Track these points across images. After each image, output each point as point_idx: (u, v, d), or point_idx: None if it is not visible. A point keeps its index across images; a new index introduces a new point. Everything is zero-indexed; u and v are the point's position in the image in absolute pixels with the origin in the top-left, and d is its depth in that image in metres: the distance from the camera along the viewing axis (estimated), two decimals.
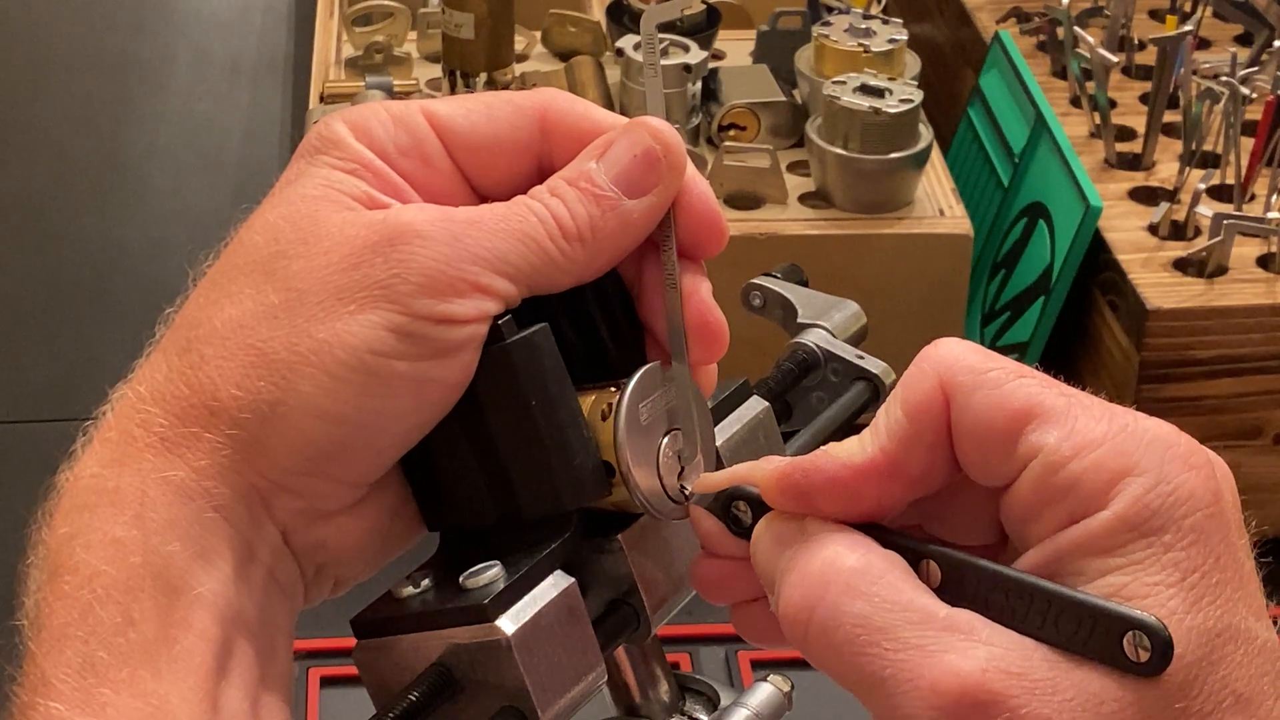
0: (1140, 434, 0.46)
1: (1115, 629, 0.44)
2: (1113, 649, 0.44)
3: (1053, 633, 0.44)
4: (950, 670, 0.44)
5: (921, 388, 0.48)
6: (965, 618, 0.45)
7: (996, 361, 0.48)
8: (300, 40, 1.89)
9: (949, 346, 0.48)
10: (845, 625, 0.46)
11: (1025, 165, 1.46)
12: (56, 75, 1.90)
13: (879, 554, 0.47)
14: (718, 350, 0.56)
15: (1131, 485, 0.45)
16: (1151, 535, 0.44)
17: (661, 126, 0.55)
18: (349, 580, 0.56)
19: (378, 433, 0.52)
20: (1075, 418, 0.46)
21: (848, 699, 0.47)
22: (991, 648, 0.44)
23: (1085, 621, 0.44)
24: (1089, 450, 0.45)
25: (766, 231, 1.36)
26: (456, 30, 1.44)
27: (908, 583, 0.46)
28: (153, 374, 0.53)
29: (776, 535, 0.49)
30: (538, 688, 0.51)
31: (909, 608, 0.45)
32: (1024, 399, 0.46)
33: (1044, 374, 0.48)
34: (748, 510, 0.51)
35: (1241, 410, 1.29)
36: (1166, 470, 0.45)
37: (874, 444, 0.48)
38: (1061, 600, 0.45)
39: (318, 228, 0.52)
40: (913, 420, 0.48)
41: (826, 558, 0.47)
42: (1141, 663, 0.43)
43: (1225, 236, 1.30)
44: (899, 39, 1.45)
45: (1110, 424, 0.46)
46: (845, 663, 0.46)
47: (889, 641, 0.45)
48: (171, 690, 0.49)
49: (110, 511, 0.51)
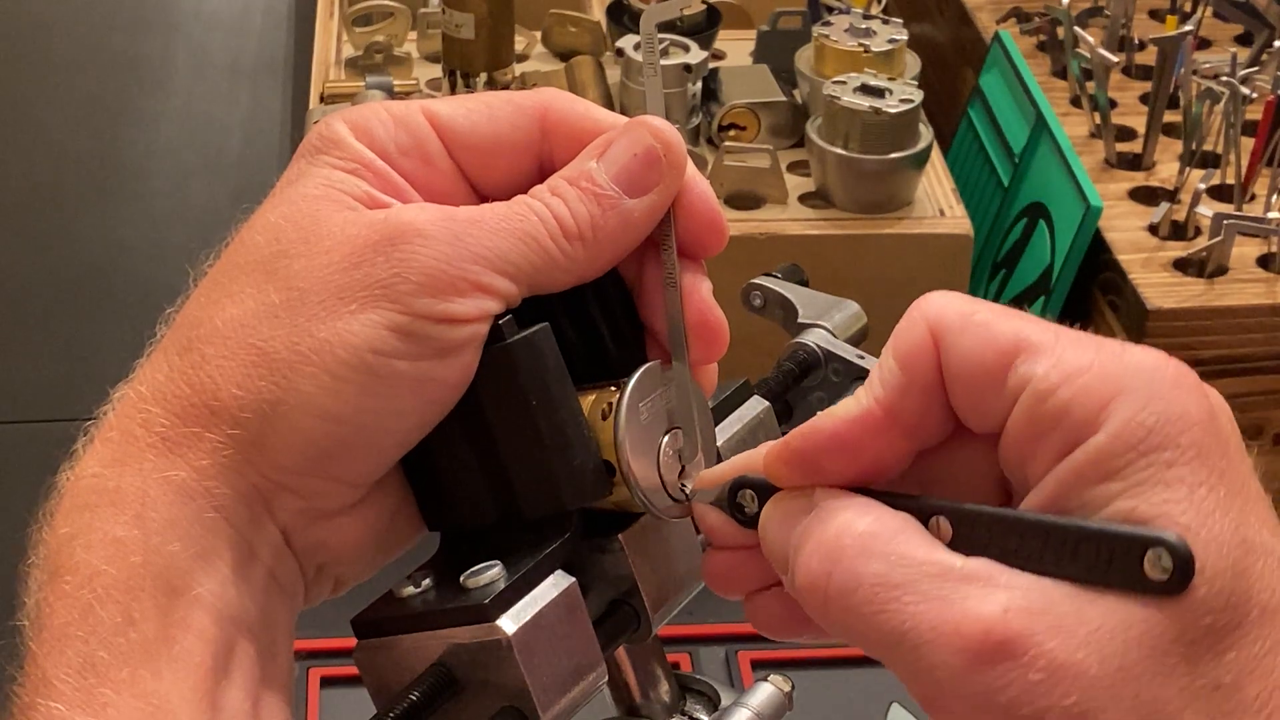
0: (1128, 359, 0.45)
1: (1133, 552, 0.43)
2: (1133, 572, 0.43)
3: (1070, 567, 0.44)
4: (972, 615, 0.44)
5: (912, 335, 0.48)
6: (982, 566, 0.45)
7: (983, 305, 0.48)
8: (300, 40, 1.89)
9: (937, 296, 0.49)
10: (864, 586, 0.46)
11: (1025, 165, 1.46)
12: (56, 75, 1.90)
13: (890, 515, 0.47)
14: (718, 350, 0.56)
15: (1121, 406, 0.44)
16: (1151, 453, 0.44)
17: (662, 126, 0.55)
18: (349, 580, 0.56)
19: (378, 432, 0.52)
20: (1062, 348, 0.46)
21: (848, 699, 0.47)
22: (1011, 590, 0.44)
23: (1102, 550, 0.44)
24: (1076, 376, 0.45)
25: (766, 231, 1.36)
26: (456, 30, 1.44)
27: (922, 539, 0.46)
28: (154, 373, 0.53)
29: (784, 512, 0.49)
30: (538, 688, 0.51)
31: (925, 562, 0.45)
32: (1011, 335, 0.47)
33: (1031, 314, 0.48)
34: (754, 498, 0.51)
35: (1241, 410, 1.28)
36: (1156, 389, 0.45)
37: (869, 396, 0.48)
38: (1075, 532, 0.44)
39: (319, 227, 0.52)
40: (905, 368, 0.48)
41: (839, 524, 0.47)
42: (1164, 581, 0.43)
43: (1225, 236, 1.30)
44: (899, 39, 1.45)
45: (1098, 352, 0.46)
46: (867, 623, 0.46)
47: (909, 595, 0.45)
48: (172, 690, 0.49)
49: (111, 511, 0.51)
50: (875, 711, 1.11)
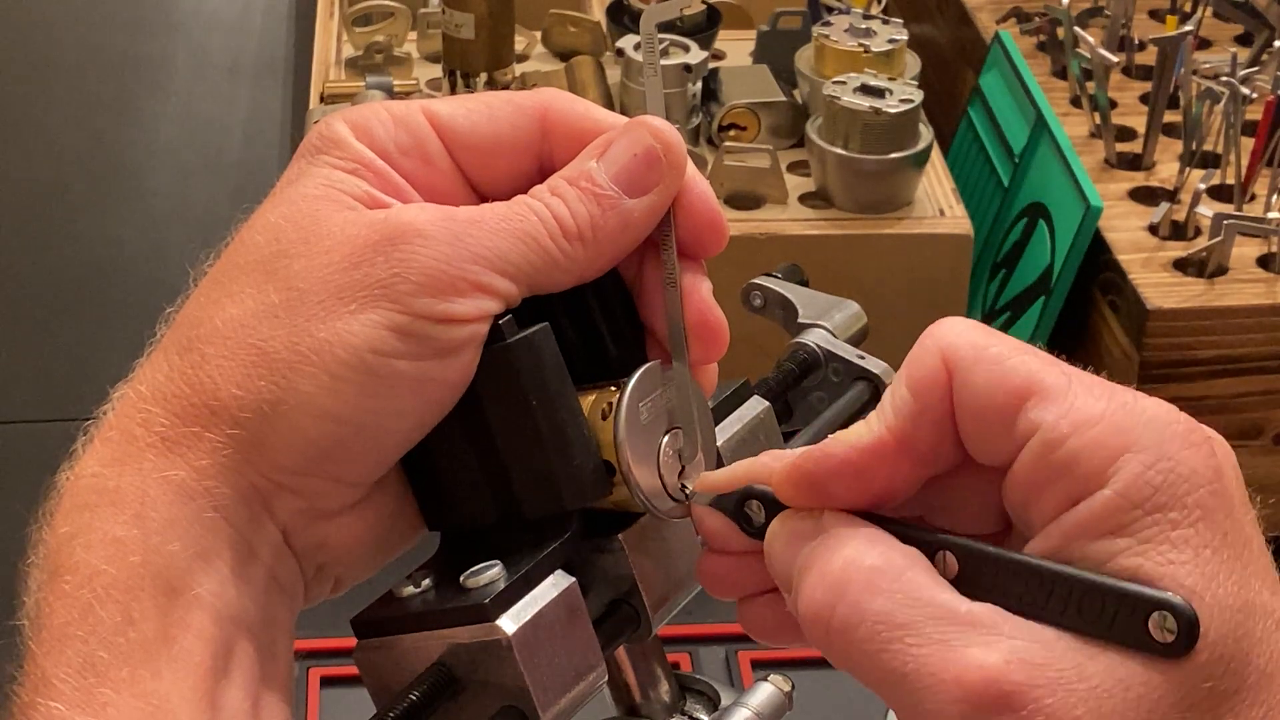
0: (1139, 412, 0.45)
1: (1139, 611, 0.43)
2: (1137, 632, 0.43)
3: (1075, 619, 0.44)
4: (974, 664, 0.44)
5: (925, 364, 0.48)
6: (987, 612, 0.45)
7: (998, 338, 0.47)
8: (300, 40, 1.89)
9: (952, 324, 0.48)
10: (867, 623, 0.45)
11: (1025, 165, 1.46)
12: (56, 75, 1.90)
13: (898, 550, 0.47)
14: (718, 350, 0.56)
15: (1130, 462, 0.44)
16: (1157, 512, 0.44)
17: (661, 125, 0.55)
18: (349, 580, 0.56)
19: (378, 432, 0.52)
20: (1074, 395, 0.46)
21: (847, 699, 0.47)
22: (1015, 640, 0.44)
23: (1108, 606, 0.44)
24: (1087, 427, 0.45)
25: (766, 231, 1.36)
26: (456, 30, 1.44)
27: (928, 578, 0.46)
28: (154, 373, 0.53)
29: (791, 532, 0.49)
30: (538, 687, 0.51)
31: (930, 603, 0.45)
32: (1024, 376, 0.46)
33: (1046, 353, 0.47)
34: (760, 509, 0.51)
35: (1241, 410, 1.29)
36: (1166, 448, 0.45)
37: (881, 423, 0.48)
38: (1082, 585, 0.44)
39: (319, 227, 0.52)
40: (917, 396, 0.48)
41: (847, 556, 0.47)
42: (1168, 643, 0.43)
43: (1225, 236, 1.30)
44: (899, 39, 1.45)
45: (1109, 402, 0.46)
46: (868, 660, 0.46)
47: (911, 637, 0.45)
48: (172, 690, 0.49)
49: (110, 511, 0.51)
50: (875, 711, 1.11)
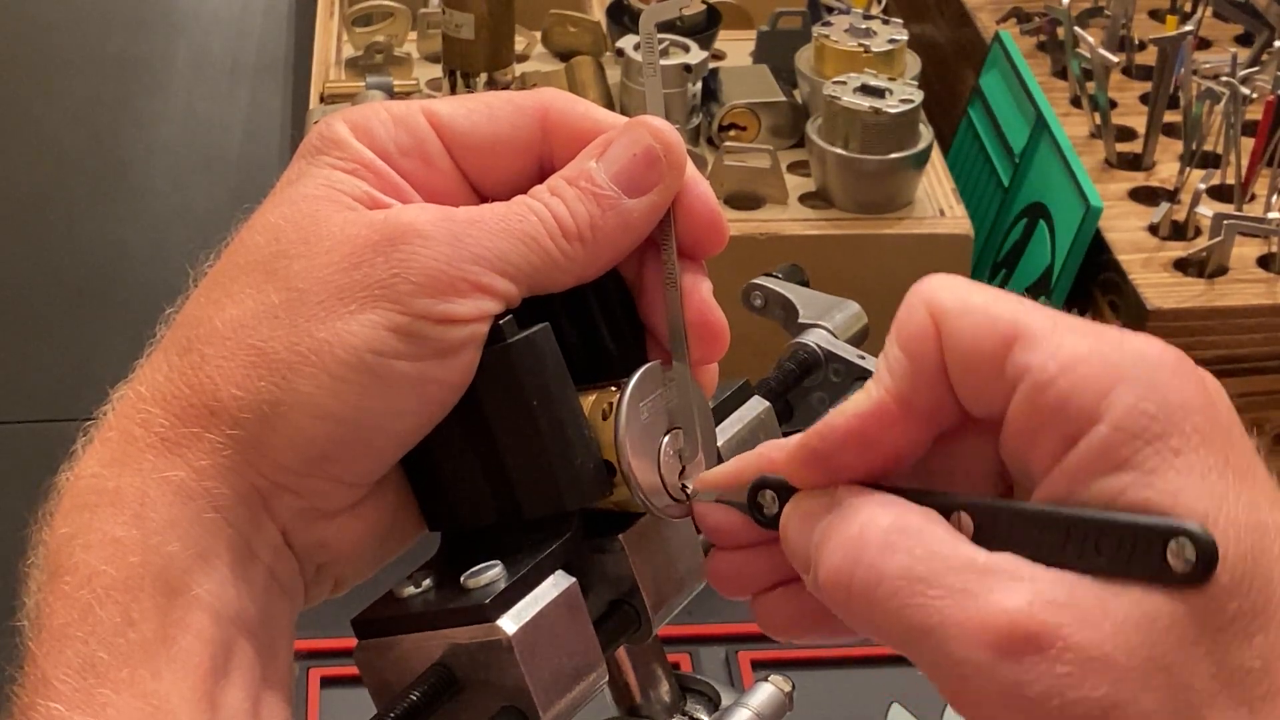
0: (1126, 347, 0.45)
1: (1155, 543, 0.43)
2: (1157, 564, 0.43)
3: (1094, 561, 0.44)
4: (998, 608, 0.44)
5: (913, 320, 0.48)
6: (1006, 560, 0.45)
7: (982, 288, 0.48)
8: (300, 40, 1.89)
9: (936, 279, 0.48)
10: (887, 580, 0.45)
11: (1025, 165, 1.46)
12: (56, 75, 1.90)
13: (913, 510, 0.47)
14: (718, 350, 0.56)
15: (1122, 394, 0.44)
16: (1157, 441, 0.44)
17: (661, 125, 0.55)
18: (349, 580, 0.56)
19: (378, 432, 0.52)
20: (1060, 335, 0.46)
21: (848, 699, 0.47)
22: (1036, 583, 0.44)
23: (1124, 542, 0.43)
24: (1075, 366, 0.45)
25: (767, 231, 1.36)
26: (456, 30, 1.44)
27: (945, 533, 0.46)
28: (153, 374, 0.53)
29: (805, 512, 0.49)
30: (538, 688, 0.51)
31: (949, 555, 0.45)
32: (1008, 320, 0.46)
33: (1031, 299, 0.47)
34: (774, 499, 0.51)
35: (1241, 410, 1.28)
36: (1156, 377, 0.44)
37: (879, 387, 0.48)
38: (1096, 525, 0.44)
39: (319, 227, 0.52)
40: (909, 354, 0.48)
41: (862, 520, 0.47)
42: (1188, 571, 0.43)
43: (1225, 236, 1.30)
44: (899, 39, 1.45)
45: (1096, 339, 0.45)
46: (891, 617, 0.45)
47: (933, 590, 0.45)
48: (171, 690, 0.49)
49: (110, 511, 0.51)
50: (875, 711, 1.11)
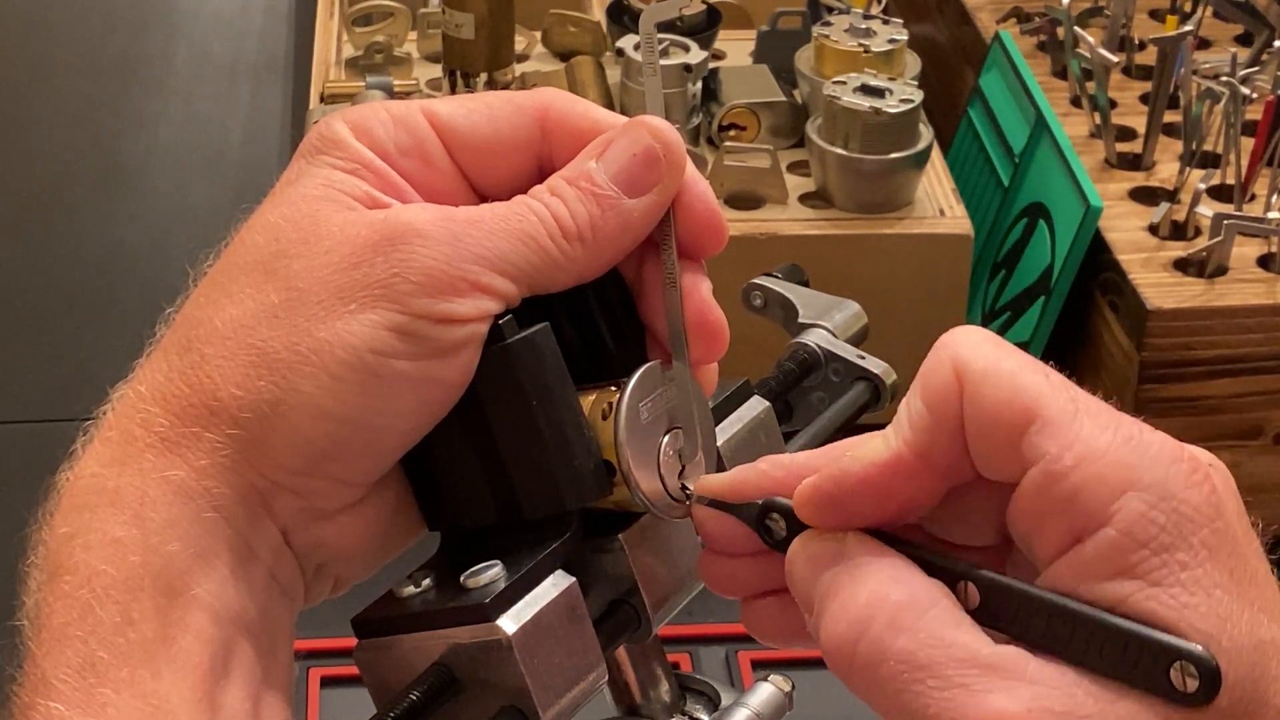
0: (1143, 448, 0.45)
1: (1161, 659, 0.43)
2: (1159, 680, 0.43)
3: (1096, 661, 0.44)
4: (995, 710, 0.44)
5: (938, 375, 0.47)
6: (1010, 655, 0.45)
7: (1010, 353, 0.47)
8: (300, 40, 1.89)
9: (966, 334, 0.48)
10: (889, 661, 0.45)
11: (1025, 165, 1.46)
12: (56, 75, 1.90)
13: (922, 585, 0.47)
14: (718, 349, 0.56)
15: (1133, 500, 0.44)
16: (1164, 553, 0.44)
17: (661, 125, 0.55)
18: (349, 580, 0.56)
19: (378, 432, 0.52)
20: (1080, 426, 0.45)
21: (848, 699, 0.47)
22: (1036, 687, 0.44)
23: (1130, 651, 0.44)
24: (1091, 461, 0.45)
25: (766, 231, 1.36)
26: (457, 30, 1.44)
27: (952, 616, 0.46)
28: (153, 374, 0.53)
29: (812, 555, 0.49)
30: (538, 687, 0.51)
31: (954, 645, 0.45)
32: (1031, 397, 0.46)
33: (1057, 372, 0.47)
34: (782, 522, 0.50)
35: (1241, 410, 1.29)
36: (1169, 486, 0.44)
37: (898, 438, 0.48)
38: (1104, 629, 0.44)
39: (318, 227, 0.52)
40: (932, 409, 0.47)
41: (871, 589, 0.47)
42: (1190, 693, 0.43)
43: (1225, 236, 1.30)
44: (899, 39, 1.45)
45: (1114, 435, 0.45)
46: (889, 698, 0.46)
47: (934, 680, 0.45)
48: (171, 690, 0.49)
49: (110, 511, 0.51)
50: (875, 712, 1.11)
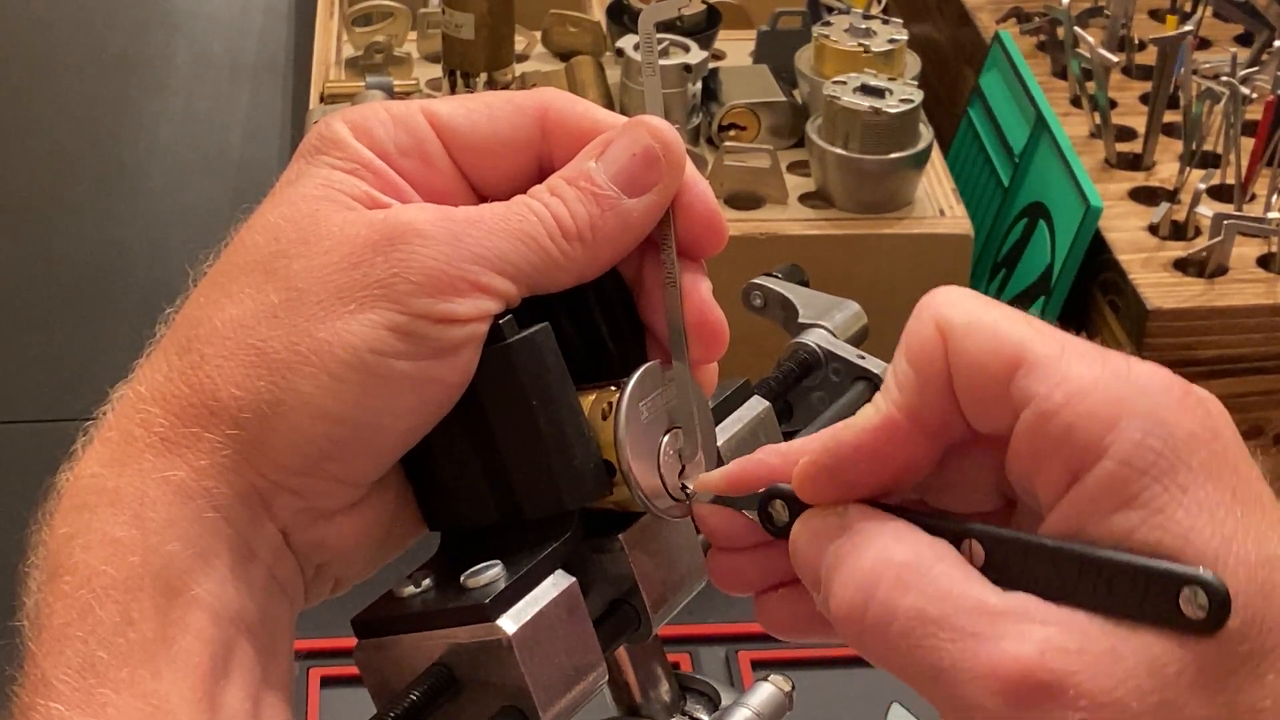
0: (1132, 378, 0.45)
1: (1168, 589, 0.43)
2: (1168, 609, 0.43)
3: (1105, 600, 0.44)
4: (1009, 655, 0.44)
5: (921, 334, 0.47)
6: (1018, 601, 0.45)
7: (991, 305, 0.47)
8: (300, 40, 1.89)
9: (946, 292, 0.48)
10: (900, 619, 0.45)
11: (1025, 165, 1.46)
12: (56, 75, 1.90)
13: (926, 543, 0.47)
14: (718, 349, 0.56)
15: (1127, 429, 0.44)
16: (1163, 478, 0.44)
17: (660, 125, 0.55)
18: (349, 580, 0.56)
19: (378, 432, 0.52)
20: (1066, 363, 0.45)
21: (848, 699, 0.47)
22: (1047, 628, 0.44)
23: (1137, 585, 0.43)
24: (1080, 397, 0.45)
25: (766, 231, 1.36)
26: (456, 30, 1.44)
27: (958, 571, 0.46)
28: (153, 374, 0.53)
29: (815, 531, 0.49)
30: (538, 687, 0.51)
31: (962, 596, 0.45)
32: (1016, 343, 0.46)
33: (1040, 320, 0.47)
34: (784, 508, 0.50)
35: (1241, 410, 1.29)
36: (1161, 413, 0.44)
37: (887, 402, 0.48)
38: (1109, 566, 0.44)
39: (318, 227, 0.52)
40: (917, 368, 0.47)
41: (875, 553, 0.47)
42: (1200, 619, 0.43)
43: (1225, 236, 1.30)
44: (899, 39, 1.45)
45: (1102, 369, 0.45)
46: (903, 656, 0.45)
47: (945, 631, 0.45)
48: (171, 690, 0.49)
49: (110, 511, 0.51)
50: (875, 711, 1.11)
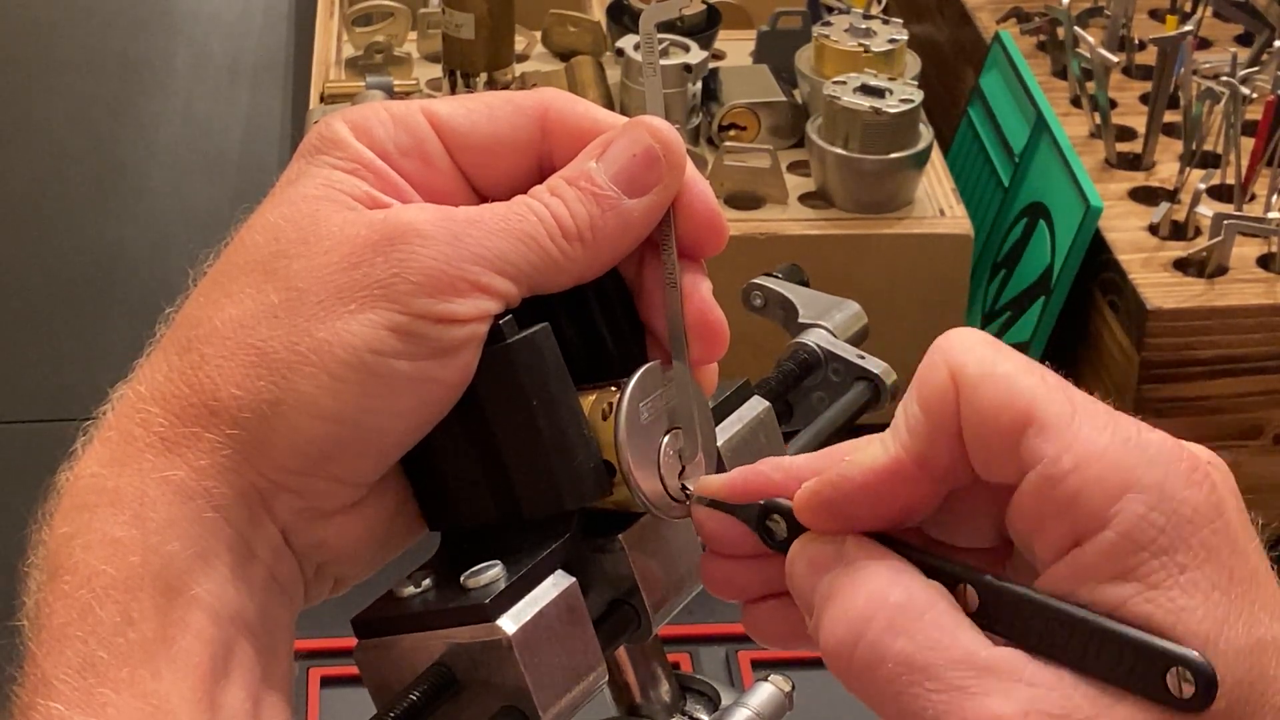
0: (1142, 448, 0.45)
1: (1157, 664, 0.43)
2: (1155, 684, 0.43)
3: (1094, 664, 0.44)
4: (991, 714, 0.44)
5: (934, 380, 0.47)
6: (1007, 657, 0.45)
7: (1006, 355, 0.47)
8: (300, 40, 1.89)
9: (960, 337, 0.48)
10: (888, 663, 0.45)
11: (1025, 165, 1.46)
12: (56, 75, 1.90)
13: (920, 587, 0.47)
14: (718, 349, 0.56)
15: (1133, 502, 0.44)
16: (1163, 555, 0.44)
17: (661, 125, 0.55)
18: (349, 580, 0.56)
19: (378, 432, 0.52)
20: (1078, 427, 0.45)
21: (848, 699, 0.47)
22: (1034, 689, 0.44)
23: (1126, 655, 0.44)
24: (1088, 465, 0.45)
25: (766, 231, 1.36)
26: (457, 30, 1.44)
27: (949, 619, 0.46)
28: (153, 373, 0.53)
29: (812, 558, 0.49)
30: (538, 687, 0.51)
31: (951, 647, 0.45)
32: (1028, 400, 0.46)
33: (1054, 373, 0.47)
34: (782, 523, 0.50)
35: (1241, 410, 1.29)
36: (1168, 487, 0.44)
37: (895, 443, 0.48)
38: (1100, 632, 0.44)
39: (318, 227, 0.52)
40: (928, 414, 0.47)
41: (869, 592, 0.47)
42: (1186, 699, 0.43)
43: (1225, 236, 1.30)
44: (899, 39, 1.45)
45: (1112, 436, 0.45)
46: (888, 701, 0.45)
47: (931, 681, 0.45)
48: (171, 690, 0.49)
49: (110, 511, 0.51)
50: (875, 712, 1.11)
